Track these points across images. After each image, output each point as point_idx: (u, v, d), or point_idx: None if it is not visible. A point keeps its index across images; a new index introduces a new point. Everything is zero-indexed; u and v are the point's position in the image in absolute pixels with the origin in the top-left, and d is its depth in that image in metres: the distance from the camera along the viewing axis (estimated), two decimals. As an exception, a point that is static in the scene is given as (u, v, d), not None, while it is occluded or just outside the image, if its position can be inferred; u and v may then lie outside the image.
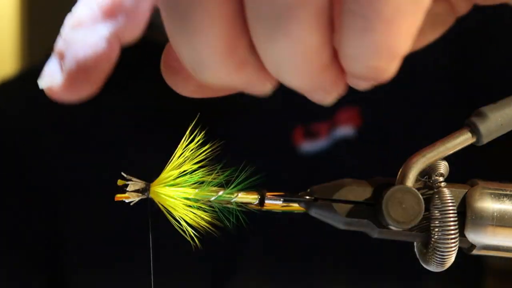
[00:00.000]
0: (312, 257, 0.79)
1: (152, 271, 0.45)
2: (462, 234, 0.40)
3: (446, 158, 0.41)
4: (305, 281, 0.79)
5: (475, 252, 0.41)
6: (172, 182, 0.42)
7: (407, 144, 0.39)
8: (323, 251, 0.79)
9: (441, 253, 0.39)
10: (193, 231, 0.42)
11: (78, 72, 0.39)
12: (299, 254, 0.79)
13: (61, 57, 0.39)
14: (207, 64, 0.36)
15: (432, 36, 0.47)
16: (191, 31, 0.35)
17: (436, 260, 0.40)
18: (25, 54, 1.26)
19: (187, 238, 0.42)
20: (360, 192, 0.40)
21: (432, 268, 0.40)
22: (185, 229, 0.41)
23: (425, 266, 0.41)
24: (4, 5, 1.25)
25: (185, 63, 0.37)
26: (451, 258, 0.39)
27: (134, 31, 0.39)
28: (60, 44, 0.39)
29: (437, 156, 0.40)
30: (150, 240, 0.44)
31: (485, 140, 0.40)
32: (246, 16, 0.35)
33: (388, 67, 0.35)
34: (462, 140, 0.40)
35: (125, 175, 0.41)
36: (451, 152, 0.40)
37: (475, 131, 0.40)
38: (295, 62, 0.35)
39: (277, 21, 0.34)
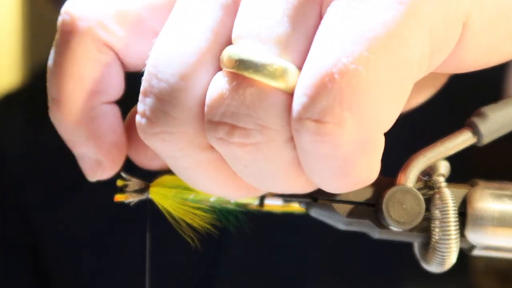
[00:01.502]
0: (305, 262, 0.79)
1: (148, 273, 0.45)
2: (462, 235, 0.40)
3: (447, 158, 0.41)
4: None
5: (476, 252, 0.41)
6: (172, 183, 0.42)
7: (407, 144, 0.40)
8: (316, 256, 0.79)
9: (442, 254, 0.39)
10: (192, 231, 0.41)
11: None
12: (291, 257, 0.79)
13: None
14: (225, 195, 0.40)
15: (418, 98, 0.47)
16: (197, 187, 0.39)
17: (437, 260, 0.40)
18: (27, 61, 1.26)
19: (187, 238, 0.41)
20: (360, 192, 0.40)
21: (433, 268, 0.40)
22: (185, 230, 0.41)
23: (425, 266, 0.41)
24: (4, 12, 1.25)
25: None
26: (451, 259, 0.39)
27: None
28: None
29: (437, 156, 0.40)
30: (148, 241, 0.44)
31: (486, 140, 0.40)
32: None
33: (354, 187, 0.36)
34: (463, 140, 0.40)
35: (124, 175, 0.41)
36: (452, 152, 0.40)
37: (476, 131, 0.40)
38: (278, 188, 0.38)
39: (261, 181, 0.37)
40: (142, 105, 0.37)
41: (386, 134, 0.36)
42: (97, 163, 0.41)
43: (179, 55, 0.36)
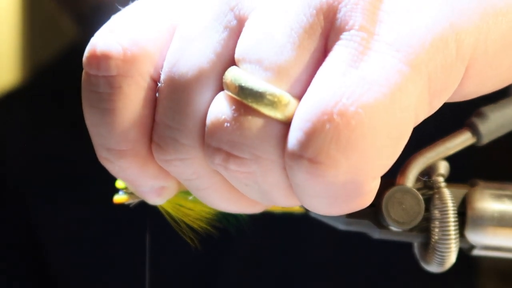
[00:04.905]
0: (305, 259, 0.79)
1: (148, 275, 0.45)
2: (462, 235, 0.40)
3: (446, 158, 0.41)
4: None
5: (475, 252, 0.41)
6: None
7: (408, 144, 0.40)
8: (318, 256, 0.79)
9: (441, 254, 0.39)
10: (193, 232, 0.41)
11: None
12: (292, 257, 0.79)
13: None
14: (240, 212, 0.40)
15: None
16: (212, 206, 0.39)
17: (437, 260, 0.40)
18: (26, 60, 1.26)
19: (187, 239, 0.41)
20: None
21: (433, 268, 0.40)
22: (185, 231, 0.41)
23: (425, 266, 0.41)
24: (4, 10, 1.25)
25: None
26: (451, 259, 0.39)
27: None
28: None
29: (437, 156, 0.40)
30: (147, 242, 0.44)
31: (486, 140, 0.40)
32: None
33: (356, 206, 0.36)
34: (463, 140, 0.40)
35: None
36: (451, 152, 0.40)
37: (475, 131, 0.40)
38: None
39: (264, 199, 0.37)
40: (154, 132, 0.37)
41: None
42: (163, 188, 0.40)
43: (182, 80, 0.36)
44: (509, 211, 0.40)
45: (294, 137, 0.33)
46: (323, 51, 0.35)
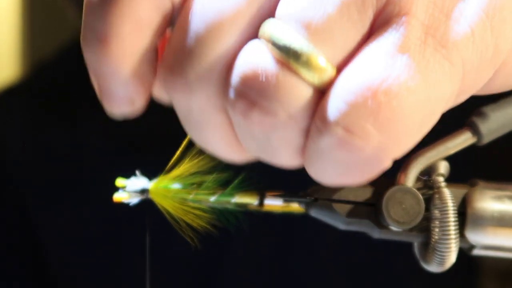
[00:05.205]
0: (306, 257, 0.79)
1: (148, 274, 0.45)
2: (462, 234, 0.40)
3: (446, 158, 0.41)
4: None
5: (475, 252, 0.41)
6: (171, 183, 0.42)
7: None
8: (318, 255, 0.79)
9: (441, 253, 0.39)
10: (193, 231, 0.41)
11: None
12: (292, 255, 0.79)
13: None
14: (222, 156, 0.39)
15: None
16: (198, 142, 0.39)
17: (437, 260, 0.40)
18: (27, 58, 1.26)
19: (187, 238, 0.41)
20: (360, 192, 0.40)
21: (433, 268, 0.40)
22: (185, 230, 0.41)
23: (425, 266, 0.41)
24: (5, 7, 1.25)
25: None
26: (451, 258, 0.39)
27: None
28: None
29: (437, 156, 0.40)
30: (147, 242, 0.44)
31: (486, 140, 0.40)
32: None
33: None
34: (463, 140, 0.40)
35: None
36: (451, 152, 0.40)
37: (476, 131, 0.40)
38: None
39: (261, 154, 0.37)
40: (170, 54, 0.37)
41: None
42: (130, 101, 0.39)
43: (218, 15, 0.36)
44: (509, 211, 0.40)
45: (334, 105, 0.34)
46: (369, 30, 0.36)
